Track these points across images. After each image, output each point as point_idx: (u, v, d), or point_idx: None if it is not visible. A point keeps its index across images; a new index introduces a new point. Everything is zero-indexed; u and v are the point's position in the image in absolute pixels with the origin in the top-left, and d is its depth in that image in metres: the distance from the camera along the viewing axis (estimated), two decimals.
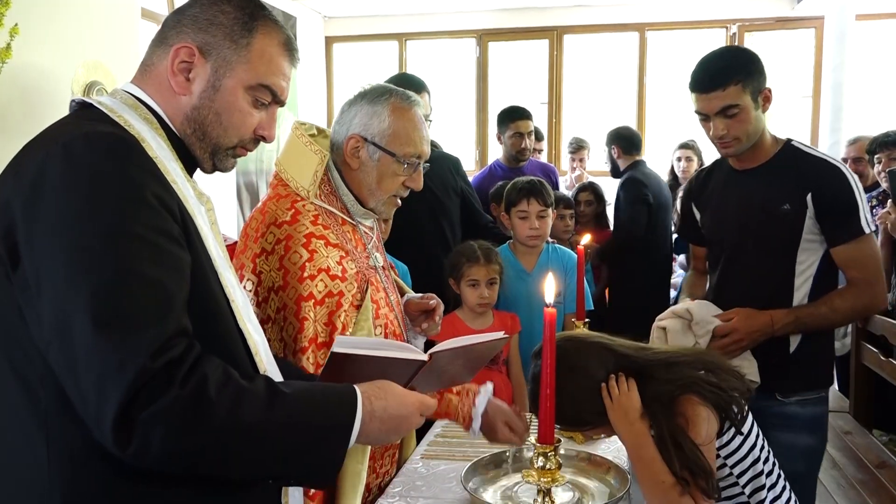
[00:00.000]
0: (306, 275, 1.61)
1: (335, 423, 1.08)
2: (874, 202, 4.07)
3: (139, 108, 1.15)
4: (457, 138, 6.42)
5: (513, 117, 3.98)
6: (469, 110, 6.79)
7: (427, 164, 1.80)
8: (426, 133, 1.78)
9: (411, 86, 2.39)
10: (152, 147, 1.09)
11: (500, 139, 4.08)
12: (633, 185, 4.21)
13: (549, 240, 3.06)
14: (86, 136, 1.02)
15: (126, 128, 1.09)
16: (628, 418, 1.49)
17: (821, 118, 5.72)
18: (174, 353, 0.96)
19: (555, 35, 6.61)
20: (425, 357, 1.26)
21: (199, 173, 1.24)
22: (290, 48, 1.23)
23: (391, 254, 2.13)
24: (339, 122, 1.76)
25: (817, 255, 2.03)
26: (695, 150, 5.02)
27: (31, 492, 1.03)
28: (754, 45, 6.14)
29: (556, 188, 4.17)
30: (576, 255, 2.65)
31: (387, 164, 1.72)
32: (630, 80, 6.55)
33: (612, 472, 1.70)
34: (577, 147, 5.67)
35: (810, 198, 1.98)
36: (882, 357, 3.40)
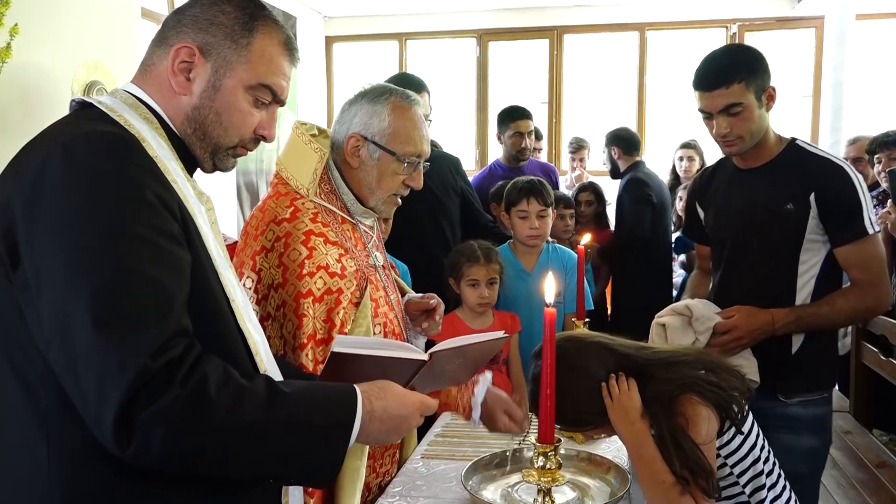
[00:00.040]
0: (305, 272, 1.62)
1: (335, 423, 1.08)
2: (874, 202, 4.07)
3: (139, 107, 1.15)
4: (457, 138, 6.41)
5: (513, 117, 3.98)
6: (469, 110, 6.78)
7: (427, 164, 1.80)
8: (426, 132, 1.78)
9: (411, 85, 2.39)
10: (152, 146, 1.09)
11: (500, 139, 4.08)
12: (636, 185, 4.21)
13: (550, 239, 3.06)
14: (86, 135, 1.02)
15: (126, 127, 1.09)
16: (629, 418, 1.49)
17: (821, 118, 5.72)
18: (174, 352, 0.96)
19: (555, 35, 6.61)
20: (425, 357, 1.26)
21: (198, 173, 1.24)
22: (290, 48, 1.23)
23: (391, 253, 2.13)
24: (340, 122, 1.77)
25: (821, 255, 2.01)
26: (697, 149, 5.02)
27: (31, 492, 1.03)
28: (754, 44, 6.10)
29: (557, 188, 4.17)
30: (576, 254, 2.65)
31: (387, 163, 1.72)
32: (630, 79, 6.55)
33: (613, 471, 1.69)
34: (578, 147, 5.67)
35: (813, 198, 1.96)
36: (882, 357, 3.41)
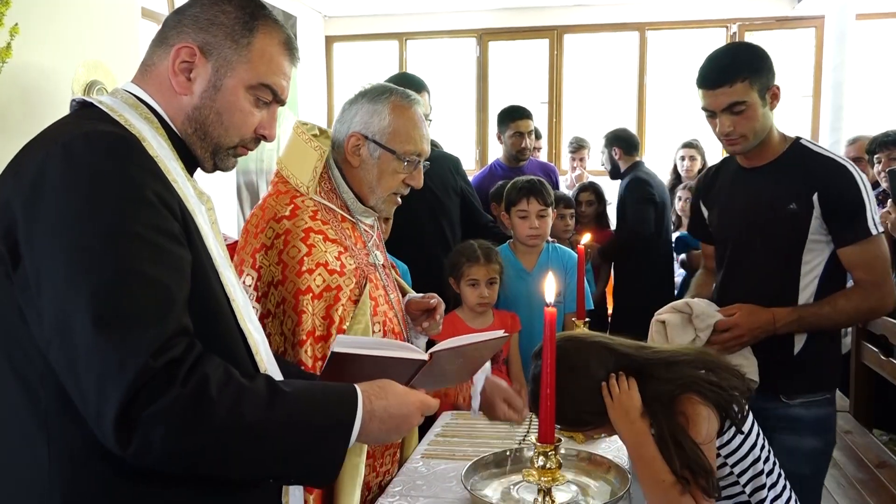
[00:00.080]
0: (304, 269, 1.62)
1: (335, 423, 1.08)
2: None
3: (139, 107, 1.15)
4: (457, 138, 6.41)
5: (513, 117, 3.98)
6: (469, 110, 6.78)
7: (427, 164, 1.80)
8: (426, 131, 1.79)
9: (411, 85, 2.39)
10: (153, 146, 1.09)
11: (500, 139, 4.08)
12: (639, 184, 4.20)
13: (550, 239, 3.06)
14: (86, 135, 1.02)
15: (126, 127, 1.09)
16: (629, 417, 1.49)
17: (821, 118, 5.72)
18: (175, 352, 0.95)
19: (555, 34, 6.61)
20: (426, 356, 1.26)
21: (198, 172, 1.24)
22: (290, 47, 1.24)
23: (391, 253, 2.13)
24: (340, 121, 1.78)
25: (824, 255, 1.99)
26: (698, 149, 5.02)
27: (31, 492, 1.03)
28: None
29: (557, 187, 4.17)
30: (576, 254, 2.65)
31: (387, 162, 1.73)
32: (630, 79, 6.55)
33: (613, 471, 1.69)
34: (578, 146, 5.67)
35: (816, 197, 1.94)
36: (882, 356, 3.41)
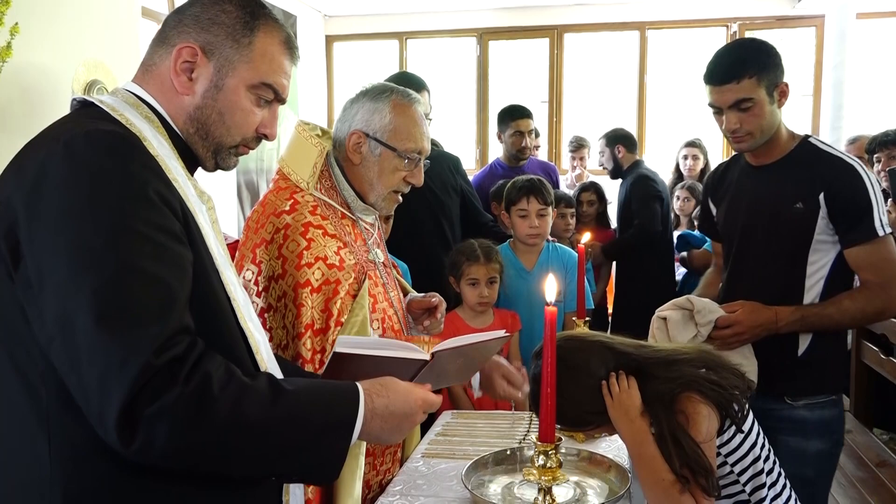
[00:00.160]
0: (304, 262, 1.64)
1: (337, 421, 1.08)
2: None
3: (140, 106, 1.15)
4: (457, 137, 6.41)
5: (513, 116, 3.98)
6: (469, 109, 6.78)
7: (427, 163, 1.82)
8: (426, 130, 1.81)
9: (411, 84, 2.39)
10: (153, 145, 1.09)
11: (500, 138, 4.08)
12: (644, 182, 4.19)
13: (550, 238, 3.06)
14: (87, 134, 1.02)
15: (127, 126, 1.09)
16: (629, 416, 1.49)
17: (821, 117, 5.72)
18: (177, 350, 0.96)
19: (555, 34, 6.61)
20: (427, 356, 1.27)
21: (199, 172, 1.25)
22: (290, 46, 1.24)
23: (391, 252, 2.14)
24: (342, 120, 1.80)
25: (830, 255, 1.95)
26: (701, 148, 5.00)
27: (31, 489, 1.03)
28: None
29: (557, 187, 4.17)
30: (576, 253, 2.65)
31: (388, 159, 1.75)
32: (630, 78, 6.54)
33: (613, 470, 1.70)
34: (578, 146, 5.67)
35: (823, 197, 1.92)
36: (882, 355, 3.41)
